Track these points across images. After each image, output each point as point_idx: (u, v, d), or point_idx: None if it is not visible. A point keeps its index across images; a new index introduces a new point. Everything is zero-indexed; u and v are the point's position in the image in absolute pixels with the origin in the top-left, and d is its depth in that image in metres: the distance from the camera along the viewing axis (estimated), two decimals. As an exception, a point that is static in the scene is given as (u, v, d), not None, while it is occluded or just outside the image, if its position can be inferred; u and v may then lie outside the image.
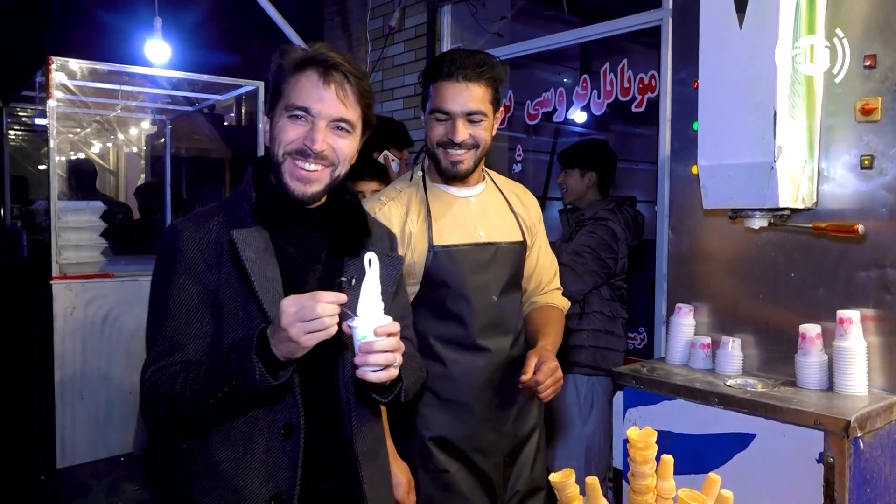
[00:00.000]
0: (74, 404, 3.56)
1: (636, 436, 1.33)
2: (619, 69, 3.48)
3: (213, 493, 1.36)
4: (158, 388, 1.31)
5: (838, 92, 1.97)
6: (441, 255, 1.89)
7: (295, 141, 1.37)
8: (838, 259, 1.98)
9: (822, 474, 1.74)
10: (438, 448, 1.91)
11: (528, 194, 2.15)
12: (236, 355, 1.26)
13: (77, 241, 3.60)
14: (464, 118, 1.84)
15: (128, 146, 7.56)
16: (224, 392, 1.27)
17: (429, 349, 1.90)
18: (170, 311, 1.34)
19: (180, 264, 1.36)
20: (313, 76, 1.37)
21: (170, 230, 1.40)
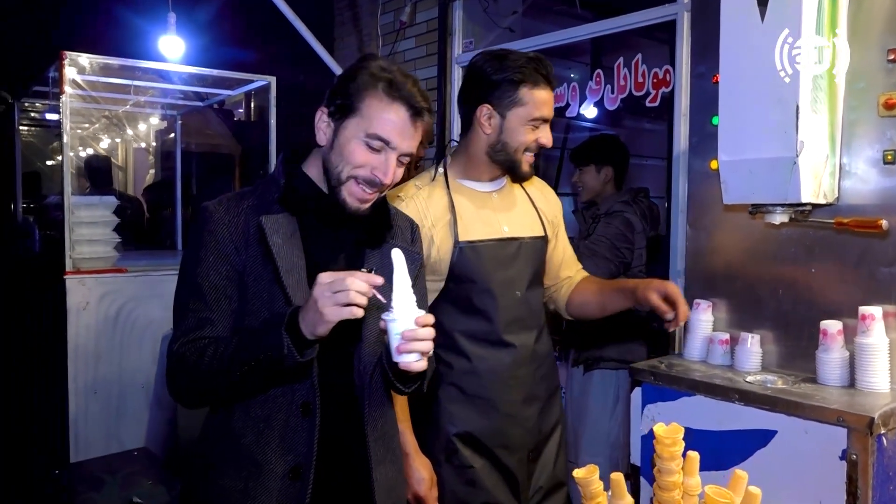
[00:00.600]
0: (88, 399, 3.58)
1: (663, 432, 1.33)
2: (633, 64, 3.46)
3: (235, 464, 1.42)
4: (185, 360, 1.35)
5: (860, 86, 1.95)
6: (466, 250, 1.88)
7: (365, 167, 1.42)
8: (860, 255, 1.96)
9: (845, 471, 1.73)
10: (463, 444, 1.91)
11: (547, 187, 2.15)
12: (266, 330, 1.31)
13: (90, 236, 3.61)
14: (547, 124, 1.91)
15: (136, 142, 7.58)
16: (251, 366, 1.31)
17: (454, 345, 1.90)
18: (200, 288, 1.39)
19: (211, 245, 1.40)
20: (403, 114, 1.41)
21: (203, 211, 1.44)
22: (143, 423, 3.74)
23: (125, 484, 2.98)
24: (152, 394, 3.77)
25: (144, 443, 3.62)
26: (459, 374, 1.90)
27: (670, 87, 3.30)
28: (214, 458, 1.46)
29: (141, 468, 3.15)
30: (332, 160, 1.43)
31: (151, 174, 7.75)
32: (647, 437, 2.16)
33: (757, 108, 1.92)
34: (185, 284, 1.42)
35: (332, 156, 1.44)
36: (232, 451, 1.43)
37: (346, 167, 1.42)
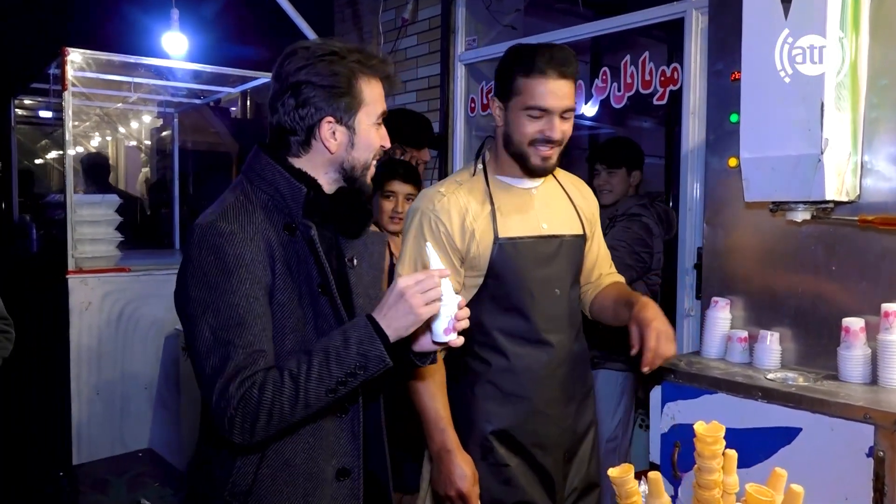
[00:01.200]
0: (90, 400, 3.54)
1: (704, 430, 1.32)
2: (640, 62, 3.46)
3: (291, 487, 1.38)
4: (261, 397, 1.23)
5: (883, 83, 1.95)
6: (506, 247, 1.86)
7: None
8: (882, 252, 1.97)
9: (872, 468, 1.73)
10: (500, 442, 1.89)
11: (584, 185, 2.12)
12: (355, 343, 1.26)
13: (93, 235, 3.57)
14: (559, 115, 1.82)
15: (128, 139, 7.51)
16: (340, 381, 1.26)
17: (492, 342, 1.89)
18: (244, 320, 1.27)
19: (241, 270, 1.29)
20: None
21: (212, 231, 1.30)
22: (147, 425, 3.70)
23: (132, 486, 2.95)
24: (155, 394, 3.73)
25: (148, 444, 3.58)
26: (497, 372, 1.89)
27: (678, 85, 3.30)
28: (265, 493, 1.37)
29: (146, 470, 3.12)
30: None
31: (144, 172, 7.69)
32: (666, 435, 2.15)
33: (781, 105, 1.92)
34: (220, 316, 1.26)
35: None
36: (286, 477, 1.37)
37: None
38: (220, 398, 1.23)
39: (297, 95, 1.38)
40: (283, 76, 1.39)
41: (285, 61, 1.39)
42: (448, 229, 1.87)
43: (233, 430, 1.24)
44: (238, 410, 1.23)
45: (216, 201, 1.40)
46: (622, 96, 3.55)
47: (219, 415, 1.24)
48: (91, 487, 2.97)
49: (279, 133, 1.42)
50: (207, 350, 1.26)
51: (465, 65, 4.45)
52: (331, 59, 1.38)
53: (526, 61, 1.81)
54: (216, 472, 1.37)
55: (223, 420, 1.24)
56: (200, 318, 1.26)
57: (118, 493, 2.90)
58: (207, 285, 1.27)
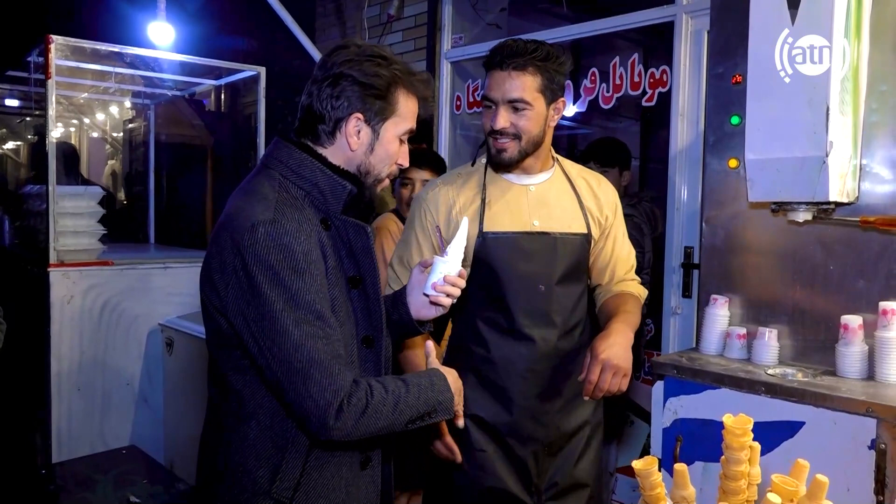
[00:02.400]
0: (71, 396, 3.46)
1: (732, 422, 1.35)
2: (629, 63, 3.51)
3: (336, 476, 1.43)
4: (372, 407, 1.30)
5: (882, 89, 2.02)
6: (490, 240, 1.90)
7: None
8: (879, 252, 2.04)
9: (874, 460, 1.80)
10: (476, 427, 1.93)
11: (603, 184, 2.10)
12: (440, 387, 1.43)
13: (74, 228, 3.48)
14: (506, 105, 1.84)
15: (92, 130, 7.34)
16: (418, 416, 1.39)
17: (475, 331, 1.94)
18: (321, 313, 1.29)
19: (310, 265, 1.30)
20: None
21: (278, 229, 1.28)
22: (129, 421, 3.63)
23: (118, 483, 2.90)
24: (138, 390, 3.66)
25: (130, 441, 3.51)
26: (478, 361, 1.93)
27: (667, 87, 3.36)
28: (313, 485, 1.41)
29: (132, 467, 3.07)
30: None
31: (111, 165, 7.52)
32: (668, 429, 2.20)
33: (786, 108, 1.97)
34: (299, 311, 1.27)
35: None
36: (332, 469, 1.43)
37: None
38: (325, 392, 1.25)
39: (335, 86, 1.39)
40: (328, 65, 1.40)
41: (334, 52, 1.41)
42: (434, 219, 1.94)
43: (336, 423, 1.26)
44: (369, 415, 1.29)
45: (248, 194, 1.37)
46: (610, 97, 3.60)
47: (321, 406, 1.25)
48: (77, 485, 2.90)
49: (308, 118, 1.43)
50: (295, 346, 1.25)
51: (451, 62, 4.46)
52: (377, 62, 1.40)
53: (489, 56, 1.88)
54: (258, 472, 1.36)
55: (326, 412, 1.25)
56: (280, 315, 1.26)
57: (105, 490, 2.85)
58: (282, 285, 1.26)
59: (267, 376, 1.31)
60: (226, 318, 1.34)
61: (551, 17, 4.72)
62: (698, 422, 2.13)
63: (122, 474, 2.97)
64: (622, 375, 1.82)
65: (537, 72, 1.84)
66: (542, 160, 2.00)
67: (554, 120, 1.94)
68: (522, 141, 1.88)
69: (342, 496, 1.41)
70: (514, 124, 1.85)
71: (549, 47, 1.88)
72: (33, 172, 5.87)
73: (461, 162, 4.49)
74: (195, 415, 3.49)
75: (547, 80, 1.86)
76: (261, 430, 1.37)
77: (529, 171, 1.98)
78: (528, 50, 1.83)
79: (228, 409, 1.41)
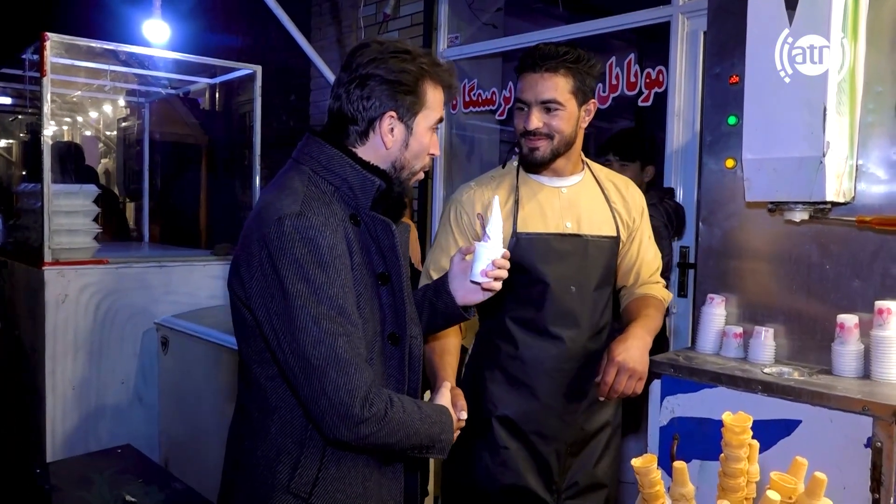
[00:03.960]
0: (66, 395, 3.44)
1: (732, 420, 1.36)
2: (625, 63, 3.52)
3: (354, 468, 1.43)
4: (388, 419, 1.31)
5: (878, 90, 2.03)
6: (523, 241, 1.93)
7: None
8: (875, 252, 2.05)
9: (870, 458, 1.81)
10: (501, 426, 1.96)
11: (630, 188, 2.15)
12: (447, 422, 1.45)
13: (70, 226, 3.47)
14: (538, 107, 1.90)
15: (85, 129, 7.31)
16: (419, 445, 1.40)
17: (504, 329, 1.96)
18: (343, 309, 1.29)
19: (335, 260, 1.30)
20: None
21: (304, 223, 1.29)
22: (124, 420, 3.62)
23: (114, 482, 2.87)
24: (133, 389, 3.65)
25: (125, 440, 3.50)
26: (506, 359, 1.96)
27: (663, 87, 3.37)
28: (331, 479, 1.41)
29: (127, 466, 3.03)
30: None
31: (104, 163, 7.49)
32: (665, 428, 2.21)
33: (783, 108, 1.98)
34: (322, 307, 1.27)
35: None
36: (349, 463, 1.43)
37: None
38: (339, 391, 1.25)
39: (364, 87, 1.40)
40: (352, 66, 1.41)
41: (357, 52, 1.42)
42: (470, 219, 1.97)
43: (349, 426, 1.27)
44: (386, 426, 1.30)
45: (278, 189, 1.38)
46: (607, 97, 3.62)
47: (336, 405, 1.26)
48: (72, 484, 2.88)
49: (339, 120, 1.43)
50: (313, 342, 1.26)
51: (448, 62, 4.46)
52: (402, 57, 1.41)
53: (521, 60, 1.93)
54: (277, 467, 1.37)
55: (341, 412, 1.26)
56: (300, 310, 1.26)
57: (100, 490, 2.82)
58: (305, 278, 1.27)
59: (286, 371, 1.32)
60: (250, 310, 1.34)
61: (547, 17, 4.73)
62: (695, 420, 2.14)
63: (117, 473, 2.94)
64: (637, 378, 1.86)
65: (569, 73, 1.89)
66: (573, 162, 2.04)
67: (585, 121, 1.99)
68: (555, 140, 1.93)
69: (359, 490, 1.41)
70: (547, 124, 1.91)
71: (580, 51, 1.93)
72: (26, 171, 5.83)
73: (457, 161, 4.51)
74: (190, 414, 3.48)
75: (579, 82, 1.92)
76: (282, 424, 1.38)
77: (561, 174, 2.02)
78: (559, 53, 1.89)
79: (253, 401, 1.43)
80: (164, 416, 3.71)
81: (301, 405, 1.34)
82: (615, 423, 2.10)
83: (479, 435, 1.95)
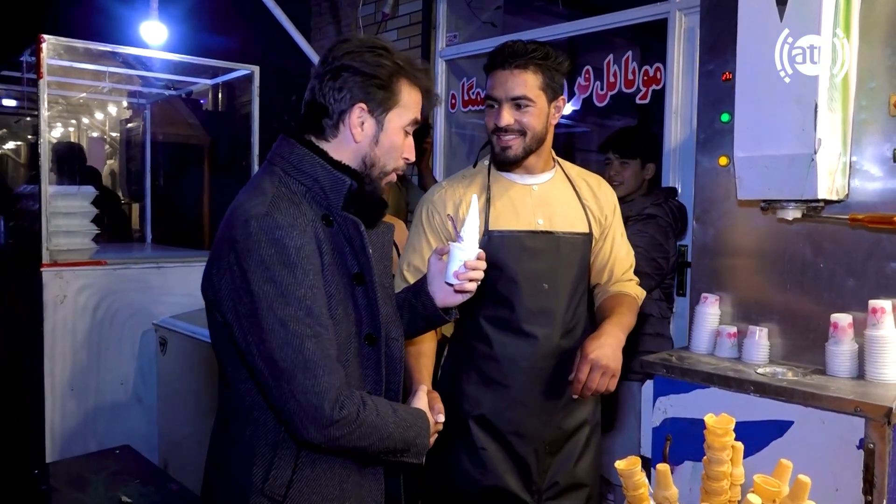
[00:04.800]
0: (65, 396, 3.45)
1: (714, 422, 1.34)
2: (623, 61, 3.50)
3: (329, 471, 1.41)
4: (360, 422, 1.30)
5: (872, 86, 2.01)
6: (495, 239, 1.92)
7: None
8: (869, 251, 2.02)
9: (863, 460, 1.79)
10: (479, 426, 1.95)
11: (602, 186, 2.13)
12: (424, 428, 1.44)
13: (67, 228, 3.47)
14: (509, 104, 1.89)
15: (92, 130, 7.34)
16: (393, 449, 1.39)
17: (478, 329, 1.95)
18: (311, 310, 1.28)
19: (302, 261, 1.28)
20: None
21: (271, 224, 1.28)
22: (123, 421, 3.63)
23: (111, 483, 2.87)
24: (131, 390, 3.66)
25: (124, 441, 3.51)
26: (480, 358, 1.96)
27: (661, 84, 3.34)
28: (306, 482, 1.41)
29: (125, 467, 3.03)
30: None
31: (109, 164, 7.52)
32: (658, 429, 2.19)
33: (774, 105, 1.96)
34: (289, 309, 1.26)
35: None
36: (324, 465, 1.42)
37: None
38: (307, 394, 1.25)
39: (337, 78, 1.39)
40: (329, 58, 1.41)
41: (336, 46, 1.42)
42: (442, 219, 1.96)
43: (317, 429, 1.26)
44: (356, 429, 1.30)
45: (250, 190, 1.38)
46: (605, 95, 3.59)
47: (304, 408, 1.25)
48: (69, 485, 2.89)
49: (313, 112, 1.43)
50: (280, 344, 1.25)
51: (446, 61, 4.45)
52: (379, 52, 1.41)
53: (490, 58, 1.93)
54: (252, 469, 1.36)
55: (309, 415, 1.25)
56: (267, 311, 1.25)
57: (97, 490, 2.83)
58: (272, 279, 1.26)
59: (255, 373, 1.31)
60: (220, 313, 1.33)
61: (546, 14, 4.71)
62: (687, 421, 2.12)
63: (114, 474, 2.94)
64: (611, 376, 1.84)
65: (538, 70, 1.89)
66: (544, 160, 2.03)
67: (555, 118, 1.98)
68: (527, 137, 1.92)
69: (336, 492, 1.40)
70: (518, 121, 1.90)
71: (548, 47, 1.93)
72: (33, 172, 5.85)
73: (456, 160, 4.49)
74: (189, 415, 3.49)
75: (548, 79, 1.91)
76: (256, 426, 1.37)
77: (532, 171, 2.01)
78: (528, 50, 1.89)
79: (229, 404, 1.43)
80: (162, 416, 3.71)
81: (272, 408, 1.34)
82: (594, 421, 2.07)
83: (456, 436, 1.94)
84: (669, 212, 2.87)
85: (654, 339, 2.83)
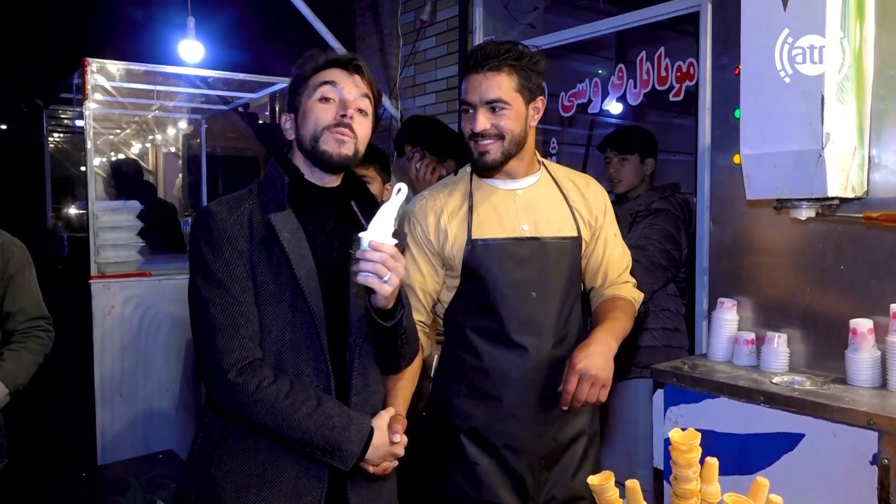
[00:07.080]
0: (114, 402, 3.61)
1: (679, 437, 1.27)
2: (655, 58, 3.39)
3: (254, 448, 1.48)
4: (258, 396, 1.39)
5: (890, 74, 1.87)
6: (479, 247, 1.85)
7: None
8: (891, 250, 1.89)
9: (877, 476, 1.66)
10: (470, 440, 1.88)
11: (591, 185, 2.03)
12: (354, 437, 1.44)
13: (115, 241, 3.63)
14: (484, 107, 1.81)
15: (166, 146, 7.67)
16: (310, 444, 1.42)
17: (466, 341, 1.88)
18: (223, 283, 1.44)
19: (225, 242, 1.45)
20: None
21: (205, 213, 1.49)
22: (169, 426, 3.76)
23: (149, 487, 2.98)
24: (178, 397, 3.79)
25: (169, 446, 3.64)
26: (470, 371, 1.88)
27: (694, 80, 3.22)
28: (227, 452, 1.48)
29: (165, 471, 3.14)
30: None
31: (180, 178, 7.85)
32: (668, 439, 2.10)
33: (780, 99, 1.85)
34: (207, 280, 1.44)
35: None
36: (250, 441, 1.49)
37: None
38: (217, 382, 1.41)
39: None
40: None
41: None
42: (424, 230, 1.90)
43: (221, 389, 1.40)
44: (239, 395, 1.39)
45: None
46: (638, 93, 3.49)
47: (211, 368, 1.41)
48: (109, 489, 3.01)
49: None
50: (194, 308, 1.45)
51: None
52: (296, 65, 1.58)
53: (465, 61, 1.87)
54: (197, 434, 1.54)
55: (216, 376, 1.40)
56: (191, 281, 1.47)
57: (135, 494, 2.94)
58: (198, 254, 1.47)
59: None
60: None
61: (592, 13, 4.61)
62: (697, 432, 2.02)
63: (154, 478, 3.05)
64: (601, 386, 1.75)
65: (513, 71, 1.81)
66: (527, 163, 1.94)
67: (534, 119, 1.89)
68: (505, 141, 1.84)
69: (258, 470, 1.45)
70: (495, 125, 1.82)
71: (522, 47, 1.85)
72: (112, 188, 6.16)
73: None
74: (229, 420, 3.58)
75: (523, 80, 1.83)
76: (209, 395, 1.51)
77: (515, 175, 1.92)
78: (501, 51, 1.81)
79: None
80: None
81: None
82: (591, 432, 1.97)
83: (449, 451, 1.88)
84: (677, 205, 2.89)
85: (674, 334, 2.81)
